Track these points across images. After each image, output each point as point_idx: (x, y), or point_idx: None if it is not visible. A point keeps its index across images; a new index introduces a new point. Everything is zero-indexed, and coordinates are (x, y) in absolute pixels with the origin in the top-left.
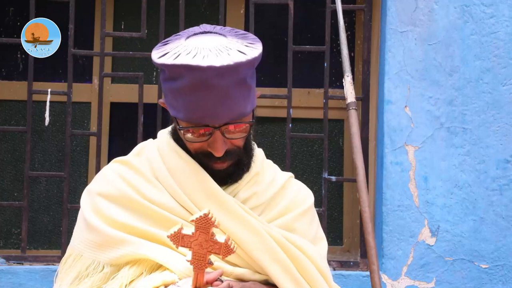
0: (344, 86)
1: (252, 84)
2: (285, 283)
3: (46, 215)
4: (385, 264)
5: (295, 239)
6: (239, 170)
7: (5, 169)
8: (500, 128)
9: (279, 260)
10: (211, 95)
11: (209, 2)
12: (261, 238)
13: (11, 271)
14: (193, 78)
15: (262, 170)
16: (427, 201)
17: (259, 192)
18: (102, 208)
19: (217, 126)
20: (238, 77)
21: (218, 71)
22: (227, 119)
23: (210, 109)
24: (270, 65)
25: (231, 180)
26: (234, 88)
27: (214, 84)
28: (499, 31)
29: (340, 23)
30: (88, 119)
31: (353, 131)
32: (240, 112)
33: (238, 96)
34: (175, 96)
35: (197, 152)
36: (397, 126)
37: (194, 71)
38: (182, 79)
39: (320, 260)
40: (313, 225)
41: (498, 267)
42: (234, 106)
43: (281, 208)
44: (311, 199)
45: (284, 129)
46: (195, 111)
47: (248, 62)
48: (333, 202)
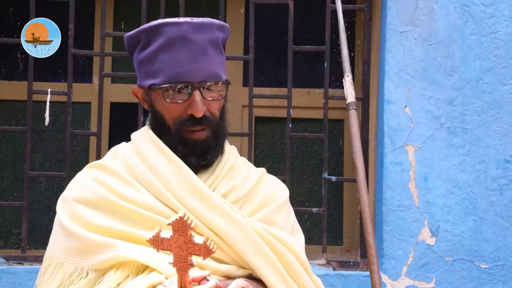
0: (344, 86)
1: (223, 54)
2: (270, 275)
3: (46, 215)
4: (385, 264)
5: (277, 232)
6: (216, 145)
7: (5, 169)
8: (500, 128)
9: (263, 254)
10: (188, 51)
11: (209, 2)
12: (245, 232)
13: (11, 271)
14: (171, 34)
15: (237, 164)
16: (427, 201)
17: (237, 186)
18: (81, 214)
19: (196, 84)
20: (212, 36)
21: (194, 26)
22: (205, 76)
23: (188, 65)
24: (270, 65)
25: (209, 156)
26: (209, 46)
27: (191, 39)
28: (499, 31)
29: (340, 23)
30: (88, 119)
31: (353, 131)
32: (216, 72)
33: (213, 56)
34: (152, 62)
35: (177, 122)
36: (397, 126)
37: (172, 26)
38: (159, 39)
39: (300, 252)
40: (290, 218)
41: (498, 267)
42: (210, 64)
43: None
44: (286, 193)
45: (284, 129)
46: (173, 68)
47: (220, 24)
48: (333, 202)
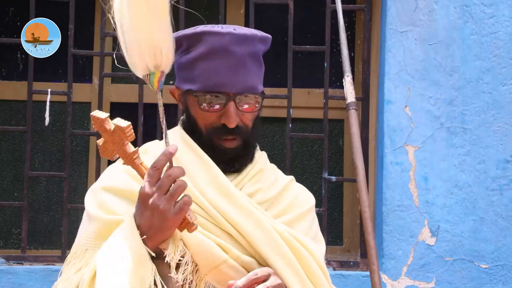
0: (344, 86)
1: (263, 65)
2: (288, 276)
3: (46, 215)
4: (385, 264)
5: (299, 236)
6: (246, 154)
7: (5, 169)
8: (500, 128)
9: (283, 255)
10: (228, 62)
11: (209, 2)
12: (267, 232)
13: (11, 271)
14: (212, 43)
15: (266, 168)
16: (427, 201)
17: (264, 189)
18: (105, 200)
19: (232, 95)
20: (253, 49)
21: (236, 38)
22: (242, 88)
23: (226, 76)
24: (270, 65)
25: (237, 164)
26: (249, 59)
27: (232, 51)
28: (499, 31)
29: (340, 23)
30: (88, 119)
31: (353, 131)
32: (254, 84)
33: (252, 68)
34: (191, 68)
35: (209, 128)
36: (397, 126)
37: (214, 36)
38: (200, 47)
39: (321, 259)
40: (313, 227)
41: (498, 267)
42: (248, 76)
43: (282, 207)
44: (312, 202)
45: (284, 129)
46: (211, 78)
47: (262, 37)
48: (333, 202)
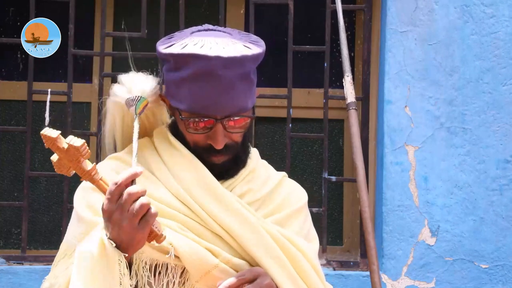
0: (344, 86)
1: (254, 80)
2: (281, 277)
3: (46, 215)
4: (385, 264)
5: (291, 235)
6: (235, 166)
7: (5, 169)
8: (500, 128)
9: (275, 256)
10: (215, 86)
11: (209, 2)
12: (258, 234)
13: (11, 271)
14: (199, 67)
15: (257, 167)
16: (427, 201)
17: (255, 189)
18: (94, 202)
19: (219, 118)
20: (242, 70)
21: (224, 62)
22: (229, 112)
23: (213, 100)
24: (270, 65)
25: (227, 176)
26: (238, 81)
27: (219, 75)
28: (499, 31)
29: (340, 23)
30: (88, 119)
31: (353, 131)
32: (242, 106)
33: (241, 90)
34: (178, 87)
35: (197, 145)
36: (397, 126)
37: (201, 60)
38: (188, 69)
39: (314, 257)
40: (306, 224)
41: (498, 267)
42: (236, 99)
43: (274, 206)
44: (304, 199)
45: (284, 129)
46: (198, 101)
47: (253, 56)
48: (333, 202)
